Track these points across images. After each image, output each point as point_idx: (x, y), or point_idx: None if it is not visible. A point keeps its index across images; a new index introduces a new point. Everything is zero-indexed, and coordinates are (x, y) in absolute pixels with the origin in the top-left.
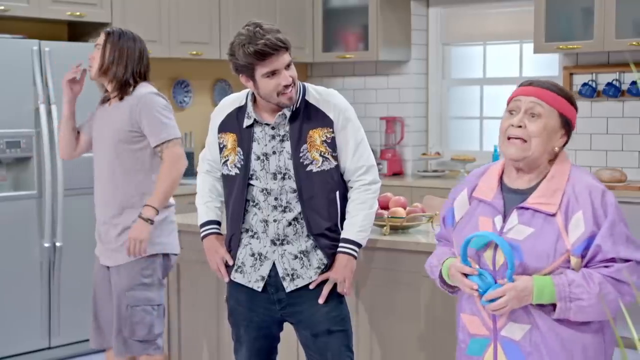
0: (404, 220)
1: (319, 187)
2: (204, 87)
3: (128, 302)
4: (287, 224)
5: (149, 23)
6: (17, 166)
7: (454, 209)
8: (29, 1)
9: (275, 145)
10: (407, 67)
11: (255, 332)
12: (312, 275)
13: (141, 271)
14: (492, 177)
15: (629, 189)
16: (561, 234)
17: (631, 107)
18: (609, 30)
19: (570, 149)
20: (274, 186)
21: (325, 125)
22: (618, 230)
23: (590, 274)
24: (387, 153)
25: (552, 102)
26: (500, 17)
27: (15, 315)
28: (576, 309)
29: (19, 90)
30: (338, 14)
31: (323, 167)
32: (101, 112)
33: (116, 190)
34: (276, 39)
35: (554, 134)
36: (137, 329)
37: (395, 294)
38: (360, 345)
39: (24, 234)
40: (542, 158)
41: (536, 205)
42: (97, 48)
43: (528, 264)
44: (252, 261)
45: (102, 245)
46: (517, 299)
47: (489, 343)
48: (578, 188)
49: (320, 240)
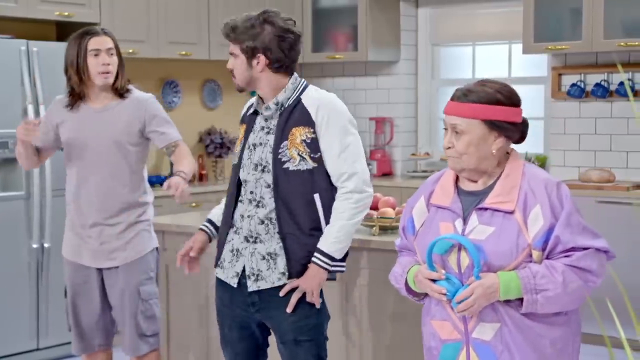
0: (393, 220)
1: (295, 186)
2: (193, 88)
3: (142, 297)
4: (259, 222)
5: (138, 23)
6: (5, 167)
7: (413, 218)
8: (17, 1)
9: (262, 137)
10: (396, 67)
11: (238, 332)
12: (275, 280)
13: (149, 265)
14: (448, 183)
15: (618, 189)
16: (521, 229)
17: (619, 107)
18: (597, 30)
19: (558, 149)
20: (251, 178)
21: (308, 125)
22: (574, 220)
23: (552, 264)
24: (376, 153)
25: (469, 114)
26: (489, 17)
27: (3, 317)
28: (543, 300)
29: (7, 90)
30: (327, 14)
31: (299, 166)
32: (88, 115)
33: (123, 190)
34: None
35: (484, 142)
36: (153, 323)
37: (384, 295)
38: (349, 346)
39: (12, 235)
40: (483, 164)
41: (494, 205)
42: (110, 53)
43: (492, 263)
44: (231, 257)
45: (91, 247)
46: (485, 296)
47: (461, 347)
48: (533, 183)
49: (288, 241)
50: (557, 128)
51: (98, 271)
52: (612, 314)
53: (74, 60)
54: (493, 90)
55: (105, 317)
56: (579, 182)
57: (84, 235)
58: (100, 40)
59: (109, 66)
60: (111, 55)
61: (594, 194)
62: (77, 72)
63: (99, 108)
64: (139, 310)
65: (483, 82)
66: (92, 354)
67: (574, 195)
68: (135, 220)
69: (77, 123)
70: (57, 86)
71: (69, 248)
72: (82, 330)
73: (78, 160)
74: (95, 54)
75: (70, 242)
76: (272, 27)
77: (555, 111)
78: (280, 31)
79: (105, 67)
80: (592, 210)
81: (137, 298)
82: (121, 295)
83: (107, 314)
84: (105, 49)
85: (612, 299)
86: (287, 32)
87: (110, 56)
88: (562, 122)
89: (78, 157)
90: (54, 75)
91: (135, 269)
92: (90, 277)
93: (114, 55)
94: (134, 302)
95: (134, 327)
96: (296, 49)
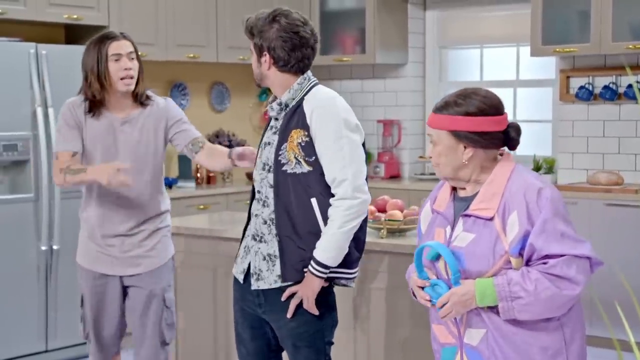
0: (401, 223)
1: (292, 189)
2: (201, 90)
3: (166, 304)
4: (262, 222)
5: (146, 26)
6: (14, 169)
7: (421, 222)
8: (26, 4)
9: (270, 137)
10: (404, 70)
11: (249, 331)
12: (272, 282)
13: (170, 272)
14: (446, 188)
15: (626, 192)
16: (499, 236)
17: (628, 110)
18: (606, 33)
19: (567, 151)
20: (258, 177)
21: (304, 127)
22: (551, 227)
23: (528, 271)
24: (384, 156)
25: (438, 125)
26: (497, 20)
27: (12, 319)
28: (519, 308)
29: (16, 93)
30: (335, 17)
31: (295, 169)
32: (111, 124)
33: (145, 199)
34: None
35: (453, 153)
36: (171, 331)
37: (392, 297)
38: (357, 349)
39: (21, 237)
40: (461, 173)
41: (476, 212)
42: (131, 57)
43: (470, 269)
44: (242, 253)
45: (113, 255)
46: (460, 303)
47: (456, 351)
48: (515, 188)
49: (284, 244)
50: (565, 131)
51: (119, 279)
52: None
53: (94, 66)
54: (464, 101)
55: (122, 324)
56: (588, 185)
57: (104, 244)
58: (121, 44)
59: (130, 71)
60: (132, 60)
61: (603, 196)
62: (98, 79)
63: (122, 118)
64: (163, 317)
65: (461, 92)
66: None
67: (582, 198)
68: (157, 227)
69: (99, 132)
70: (66, 89)
71: (86, 256)
72: (102, 340)
73: None
74: (116, 59)
75: (88, 250)
76: (277, 26)
77: (564, 114)
78: (283, 31)
79: (128, 72)
80: (601, 213)
81: (162, 305)
82: (146, 302)
83: (123, 322)
84: (126, 53)
85: (620, 301)
86: (290, 32)
87: (132, 60)
88: (570, 124)
89: None
90: (62, 78)
91: (160, 275)
92: (110, 286)
93: (134, 60)
94: (159, 309)
95: (157, 335)
96: (302, 50)
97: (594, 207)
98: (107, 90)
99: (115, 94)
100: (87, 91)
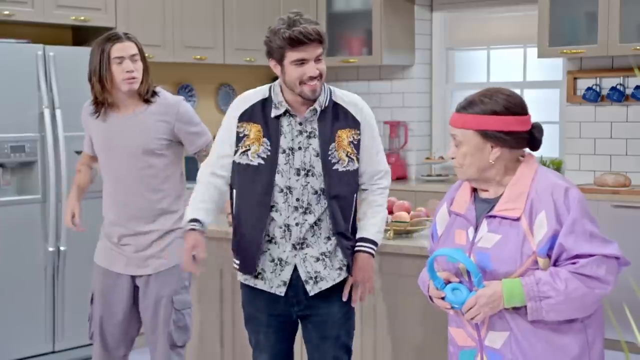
0: (407, 224)
1: (344, 187)
2: (208, 92)
3: (176, 307)
4: (308, 227)
5: (153, 28)
6: (22, 170)
7: (436, 224)
8: (34, 6)
9: (302, 141)
10: (410, 71)
11: (274, 336)
12: (335, 276)
13: (183, 274)
14: (466, 190)
15: (634, 194)
16: (526, 236)
17: (635, 111)
18: (613, 34)
19: (574, 153)
20: (296, 184)
21: (354, 126)
22: (579, 227)
23: (557, 271)
24: (391, 157)
25: (464, 125)
26: (504, 21)
27: (19, 320)
28: (548, 308)
29: (24, 94)
30: (342, 18)
31: (348, 167)
32: (115, 121)
33: (155, 197)
34: (312, 30)
35: (480, 153)
36: (184, 333)
37: (399, 299)
38: (363, 350)
39: (28, 239)
40: (486, 174)
41: (502, 212)
42: (135, 59)
43: (497, 271)
44: (272, 267)
45: (126, 254)
46: (488, 304)
47: (476, 354)
48: (540, 188)
49: (341, 240)
50: (572, 132)
51: (130, 279)
52: (629, 319)
53: (96, 68)
54: (490, 100)
55: (131, 327)
56: (595, 187)
57: (118, 243)
58: (123, 46)
59: (133, 73)
60: (135, 62)
61: (610, 198)
62: (99, 81)
63: (126, 115)
64: (172, 320)
65: (485, 92)
66: None
67: (589, 200)
68: (170, 227)
69: (105, 132)
70: (74, 91)
71: (101, 254)
72: (106, 340)
73: (110, 169)
74: (119, 61)
75: (103, 249)
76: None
77: (571, 115)
78: (265, 37)
79: (130, 74)
80: (608, 215)
81: (170, 307)
82: (155, 304)
83: (133, 325)
84: (128, 55)
85: (629, 304)
86: (268, 38)
87: (135, 62)
88: (577, 126)
89: (109, 165)
90: (70, 80)
91: (169, 277)
92: (121, 285)
93: (138, 61)
94: (167, 312)
95: (166, 337)
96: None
97: (601, 209)
98: (110, 91)
99: (120, 93)
100: (91, 91)
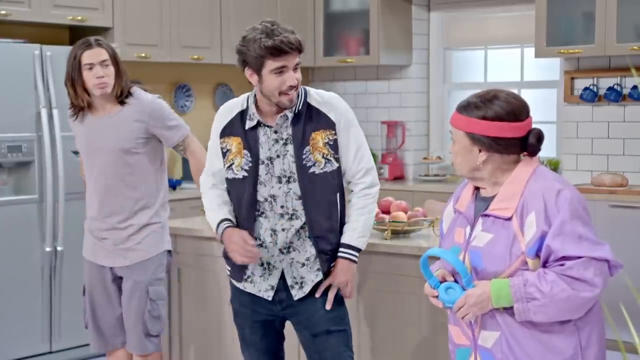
0: (405, 224)
1: (321, 189)
2: (205, 92)
3: (150, 297)
4: (295, 232)
5: (150, 27)
6: (19, 170)
7: (443, 222)
8: (31, 6)
9: (279, 149)
10: (408, 71)
11: (260, 331)
12: (313, 277)
13: (159, 266)
14: (470, 188)
15: (631, 194)
16: (517, 236)
17: (632, 111)
18: (610, 34)
19: (571, 153)
20: (279, 192)
21: (328, 127)
22: (569, 229)
23: (544, 272)
24: (388, 157)
25: (457, 124)
26: (501, 21)
27: (16, 320)
28: (535, 309)
29: (21, 94)
30: (339, 18)
31: (325, 168)
32: (93, 123)
33: (134, 194)
34: (293, 39)
35: (469, 154)
36: (157, 323)
37: (396, 299)
38: (361, 350)
39: (25, 238)
40: (477, 174)
41: (495, 212)
42: (105, 65)
43: (487, 269)
44: (262, 271)
45: (106, 248)
46: (476, 304)
47: (470, 353)
48: (533, 189)
49: (320, 242)
50: (569, 132)
51: (111, 270)
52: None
53: (69, 73)
54: (485, 105)
55: (121, 316)
56: (592, 187)
57: (99, 236)
58: (93, 53)
59: (103, 79)
60: (106, 67)
61: (607, 198)
62: (72, 86)
63: (102, 117)
64: (146, 309)
65: (484, 94)
66: (114, 351)
67: (587, 200)
68: (147, 222)
69: (85, 133)
70: None
71: (87, 248)
72: (100, 328)
73: (91, 168)
74: (89, 67)
75: (88, 242)
76: None
77: (568, 115)
78: None
79: (100, 79)
80: (605, 215)
81: (145, 297)
82: (131, 293)
83: (121, 314)
84: (98, 61)
85: (625, 303)
86: (244, 46)
87: (105, 67)
88: (574, 126)
89: (91, 165)
90: None
91: (145, 268)
92: (106, 276)
93: (109, 66)
94: (142, 301)
95: (140, 325)
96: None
97: (599, 209)
98: (81, 96)
99: (96, 97)
100: (68, 97)
